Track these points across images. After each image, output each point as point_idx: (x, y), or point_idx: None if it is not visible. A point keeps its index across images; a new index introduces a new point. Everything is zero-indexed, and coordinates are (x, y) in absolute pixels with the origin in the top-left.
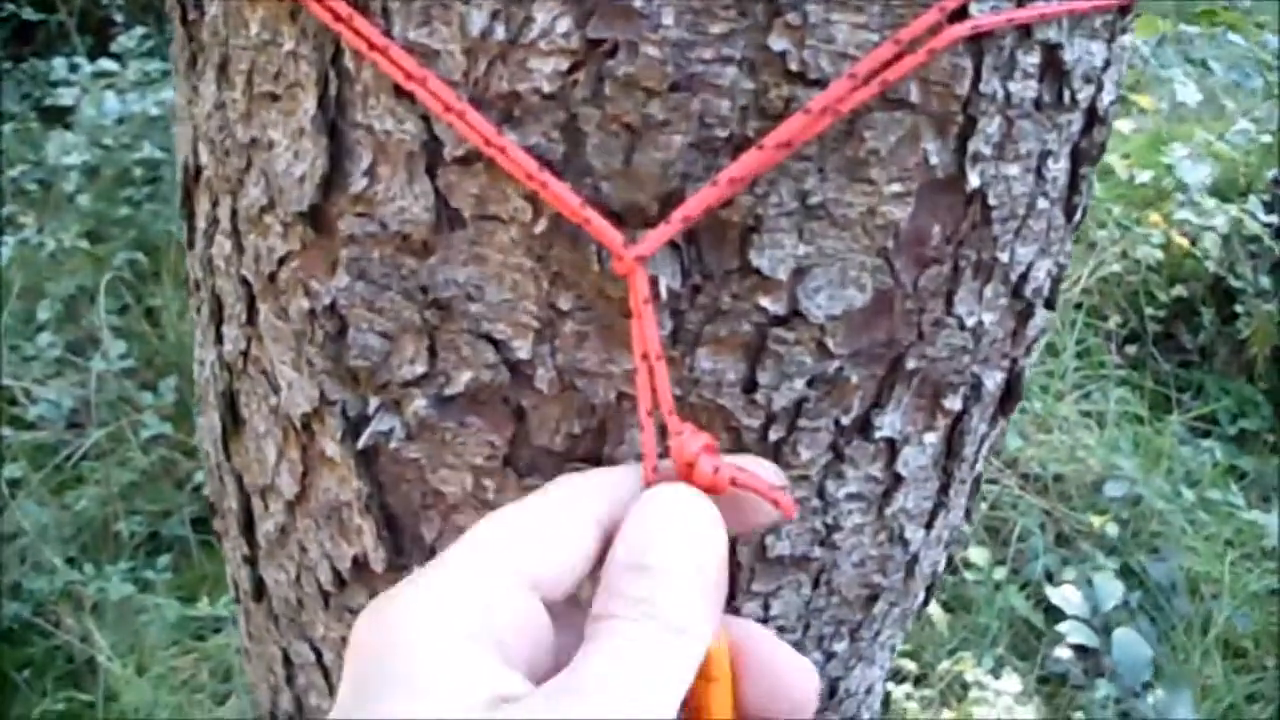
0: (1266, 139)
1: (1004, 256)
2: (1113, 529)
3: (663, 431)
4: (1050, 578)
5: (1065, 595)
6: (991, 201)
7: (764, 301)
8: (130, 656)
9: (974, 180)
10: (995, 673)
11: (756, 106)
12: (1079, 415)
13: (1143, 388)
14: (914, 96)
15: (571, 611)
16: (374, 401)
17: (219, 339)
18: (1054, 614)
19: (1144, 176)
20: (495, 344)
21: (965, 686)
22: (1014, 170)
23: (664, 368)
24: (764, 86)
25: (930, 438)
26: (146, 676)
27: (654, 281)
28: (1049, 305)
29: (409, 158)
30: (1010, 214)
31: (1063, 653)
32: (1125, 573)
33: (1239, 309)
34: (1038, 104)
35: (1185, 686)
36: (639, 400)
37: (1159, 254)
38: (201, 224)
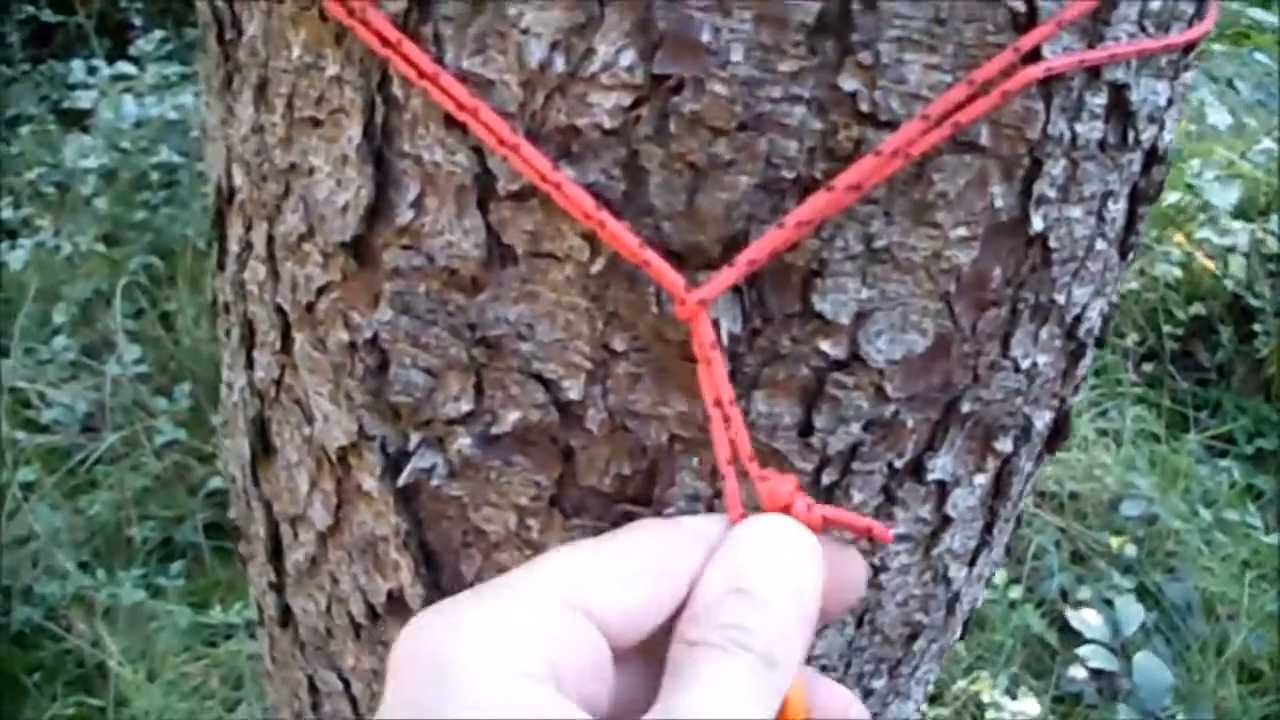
0: None
1: (1061, 298)
2: (1130, 549)
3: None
4: (1065, 596)
5: (1085, 618)
6: (1053, 244)
7: (824, 345)
8: (141, 662)
9: (1038, 224)
10: (1010, 692)
11: (825, 148)
12: (1096, 433)
13: (1160, 406)
14: (984, 139)
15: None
16: (415, 437)
17: (250, 364)
18: (1069, 633)
19: (1170, 198)
20: (545, 384)
21: (981, 706)
22: (1077, 212)
23: (738, 413)
24: (833, 127)
25: (980, 479)
26: (157, 682)
27: (714, 325)
28: (1099, 344)
29: (459, 191)
30: (1070, 256)
31: (1078, 672)
32: (1141, 593)
33: (1257, 328)
34: (1102, 145)
35: (1206, 712)
36: (715, 449)
37: (1177, 272)
38: (234, 247)
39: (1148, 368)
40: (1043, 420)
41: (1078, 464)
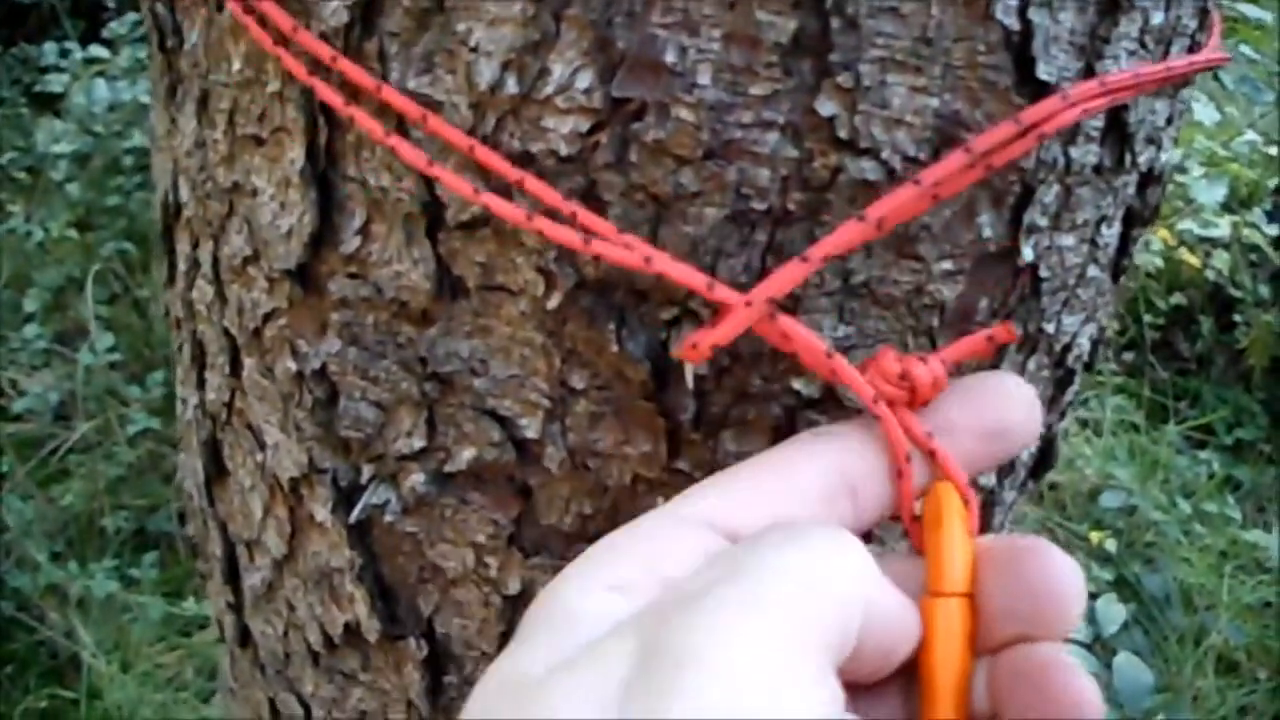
0: (1272, 150)
1: (1050, 327)
2: (1110, 544)
3: None
4: None
5: None
6: (1043, 273)
7: (797, 384)
8: (115, 653)
9: (1028, 254)
10: None
11: (799, 177)
12: (1076, 424)
13: (1140, 396)
14: None
15: None
16: (367, 471)
17: (201, 384)
18: None
19: None
20: (501, 421)
21: None
22: (1069, 240)
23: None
24: (809, 155)
25: None
26: (131, 674)
27: (678, 363)
28: (1088, 368)
29: (407, 219)
30: (1061, 284)
31: None
32: (1120, 584)
33: (1237, 318)
34: (1098, 169)
35: (1186, 711)
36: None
37: (1158, 261)
38: (181, 264)
39: (1128, 357)
40: (1027, 450)
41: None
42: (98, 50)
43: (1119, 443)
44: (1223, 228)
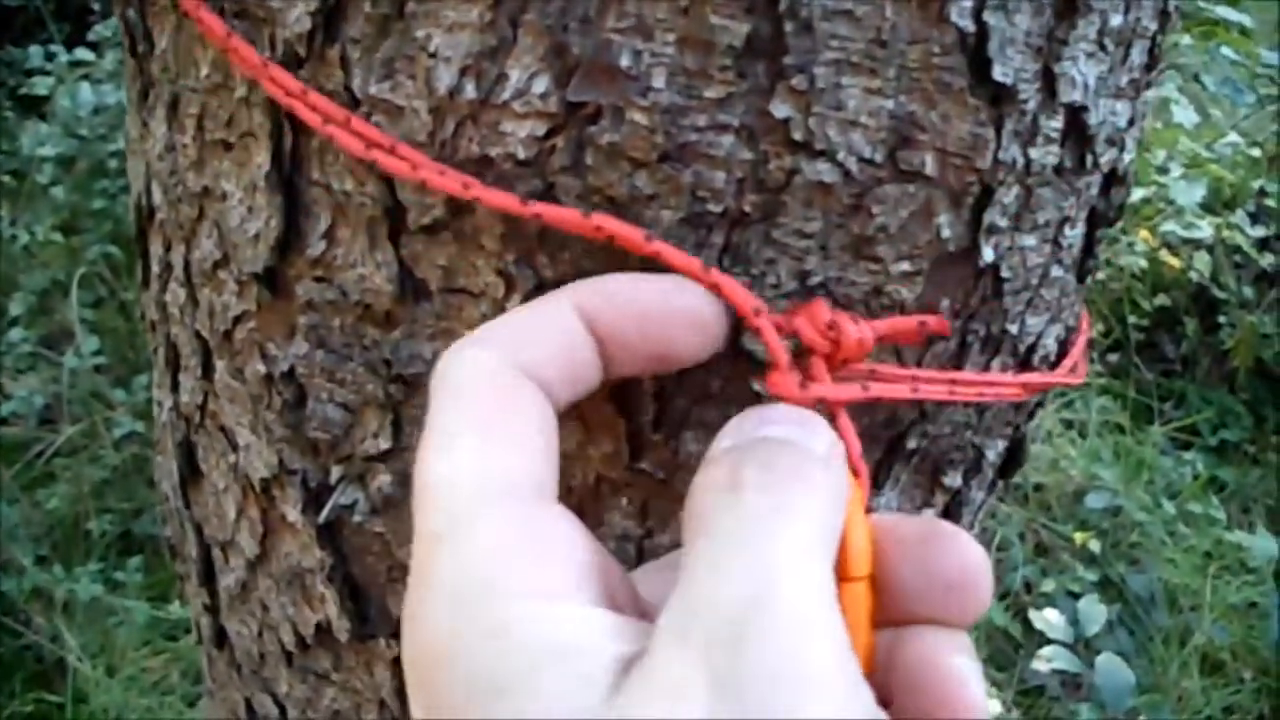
0: (1255, 152)
1: (1014, 328)
2: (1094, 543)
3: None
4: (1029, 589)
5: (1047, 618)
6: (1005, 274)
7: (757, 386)
8: (100, 657)
9: (988, 254)
10: None
11: (755, 179)
12: (1060, 425)
13: (1125, 397)
14: (929, 168)
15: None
16: (336, 472)
17: (175, 386)
18: (1032, 626)
19: (1137, 192)
20: None
21: None
22: (1030, 241)
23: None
24: (764, 157)
25: (928, 514)
26: (117, 678)
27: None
28: (1053, 369)
29: (370, 222)
30: (1024, 285)
31: (1042, 666)
32: (1104, 584)
33: (1222, 319)
34: (1059, 170)
35: (1167, 711)
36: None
37: (1142, 262)
38: (155, 267)
39: (1112, 359)
40: (995, 450)
41: (1042, 456)
42: (83, 54)
43: (1104, 444)
44: (1205, 229)
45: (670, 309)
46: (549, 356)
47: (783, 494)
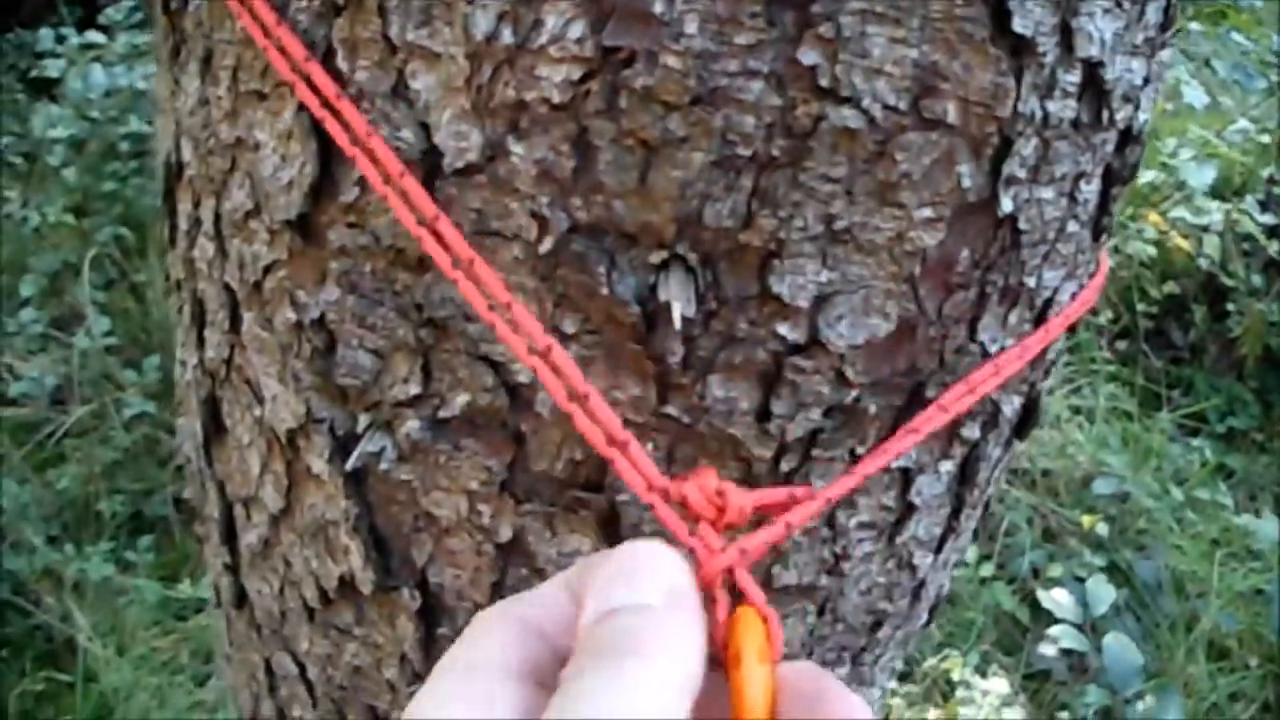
0: (1264, 138)
1: (1031, 281)
2: (1102, 528)
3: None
4: (1037, 574)
5: (1055, 599)
6: (1023, 225)
7: (782, 329)
8: (111, 637)
9: (1007, 204)
10: (981, 670)
11: (783, 124)
12: (1069, 411)
13: (1133, 384)
14: (951, 117)
15: None
16: (364, 420)
17: (200, 343)
18: (1040, 610)
19: (1145, 176)
20: (494, 366)
21: (951, 684)
22: (1048, 193)
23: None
24: (792, 103)
25: (946, 466)
26: (127, 657)
27: (666, 308)
28: (1071, 328)
29: (406, 167)
30: (1041, 238)
31: (1048, 649)
32: (1112, 570)
33: (1230, 307)
34: (1075, 124)
35: (1175, 692)
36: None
37: (1151, 250)
38: (183, 224)
39: (1121, 345)
40: (1011, 406)
41: (1050, 441)
42: (94, 36)
43: (1112, 430)
44: (1215, 215)
45: None
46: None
47: (619, 672)
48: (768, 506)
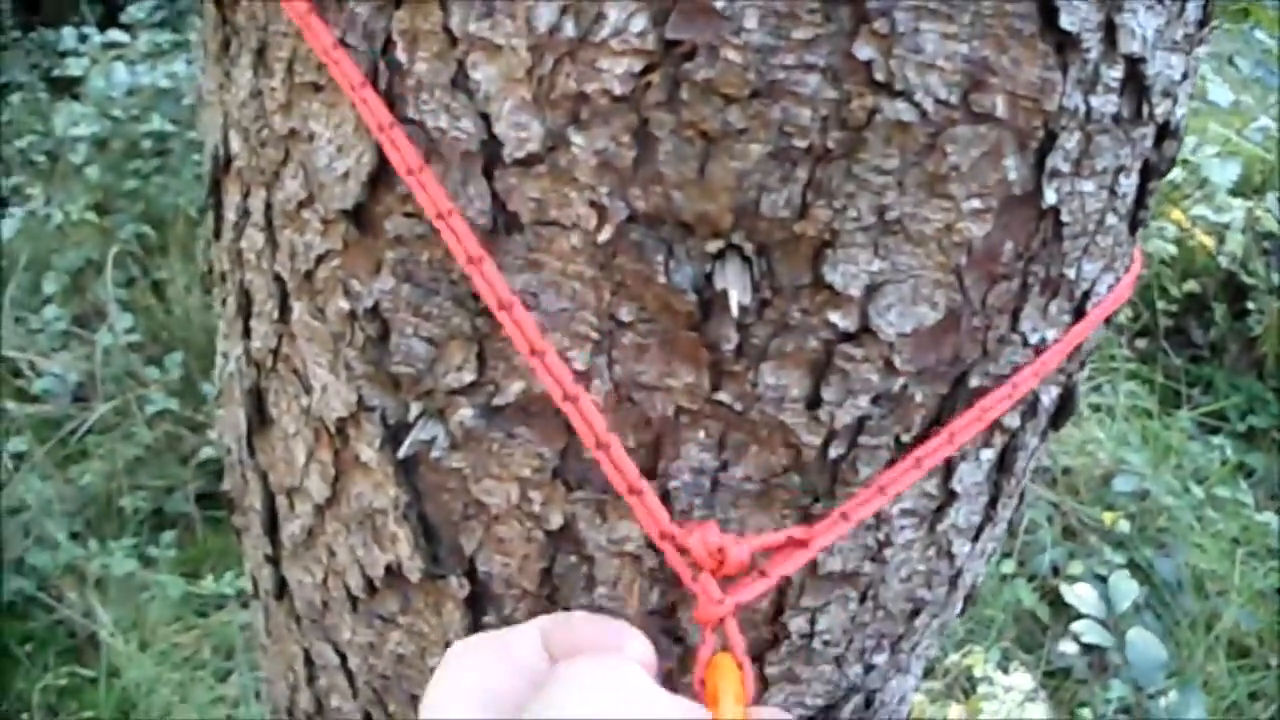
0: None
1: (1071, 273)
2: (1123, 525)
3: None
4: (1057, 572)
5: (1078, 594)
6: (1065, 218)
7: (834, 317)
8: (133, 632)
9: (1050, 197)
10: (1003, 666)
11: (838, 117)
12: (1089, 409)
13: (1153, 382)
14: (1000, 110)
15: None
16: (415, 408)
17: (247, 333)
18: (1060, 608)
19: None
20: None
21: (973, 680)
22: (1089, 186)
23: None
24: (847, 96)
25: (986, 454)
26: (149, 653)
27: (723, 295)
28: (1107, 320)
29: (464, 158)
30: (1082, 230)
31: (1069, 647)
32: (1132, 568)
33: (1250, 305)
34: (1116, 119)
35: (1196, 690)
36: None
37: (1172, 248)
38: (231, 215)
39: (1141, 344)
40: (1049, 396)
41: (1071, 439)
42: (116, 34)
43: (1132, 428)
44: (1236, 213)
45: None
46: None
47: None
48: (768, 549)
